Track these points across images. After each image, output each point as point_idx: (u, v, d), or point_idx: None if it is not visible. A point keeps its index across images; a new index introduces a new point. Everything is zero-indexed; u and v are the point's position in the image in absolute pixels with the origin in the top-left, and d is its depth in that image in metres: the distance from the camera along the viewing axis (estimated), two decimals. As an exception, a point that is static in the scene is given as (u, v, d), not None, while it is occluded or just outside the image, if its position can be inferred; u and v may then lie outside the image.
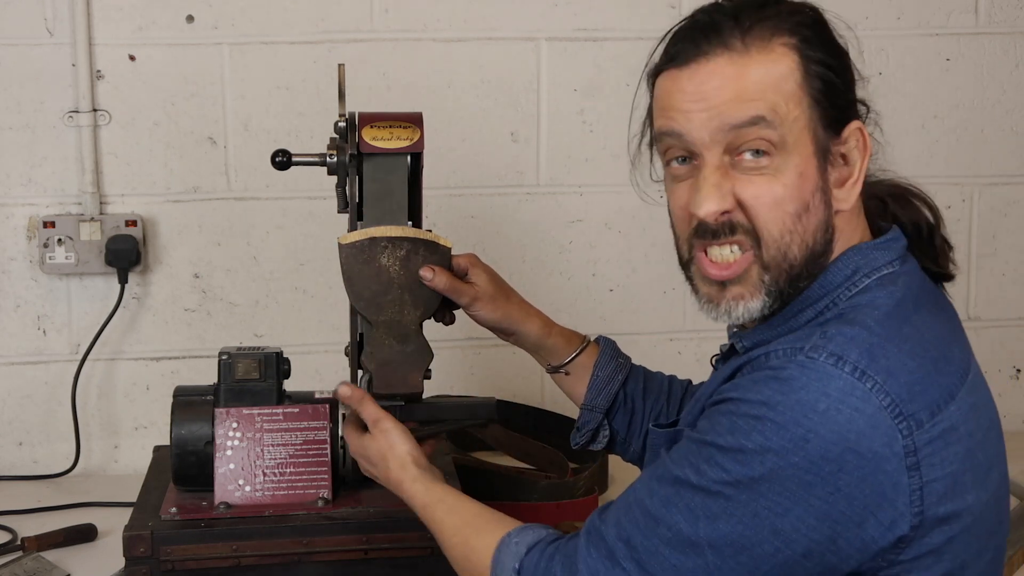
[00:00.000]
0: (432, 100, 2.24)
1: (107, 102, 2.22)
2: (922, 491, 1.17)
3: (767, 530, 1.16)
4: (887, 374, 1.17)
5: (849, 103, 1.28)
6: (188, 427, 1.73)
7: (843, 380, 1.15)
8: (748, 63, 1.23)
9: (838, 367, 1.16)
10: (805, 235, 1.25)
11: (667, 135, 1.28)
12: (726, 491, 1.17)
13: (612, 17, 2.32)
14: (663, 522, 1.21)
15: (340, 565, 1.68)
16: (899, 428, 1.16)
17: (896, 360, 1.18)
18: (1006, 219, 2.47)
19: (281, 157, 1.77)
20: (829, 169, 1.26)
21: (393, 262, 1.63)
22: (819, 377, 1.16)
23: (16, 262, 2.24)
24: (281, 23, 2.25)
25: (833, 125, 1.26)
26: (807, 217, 1.24)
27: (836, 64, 1.27)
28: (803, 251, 1.25)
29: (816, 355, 1.17)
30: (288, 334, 2.28)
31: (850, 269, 1.27)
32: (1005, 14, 2.41)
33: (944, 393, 1.20)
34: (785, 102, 1.23)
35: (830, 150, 1.26)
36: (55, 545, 1.91)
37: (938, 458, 1.18)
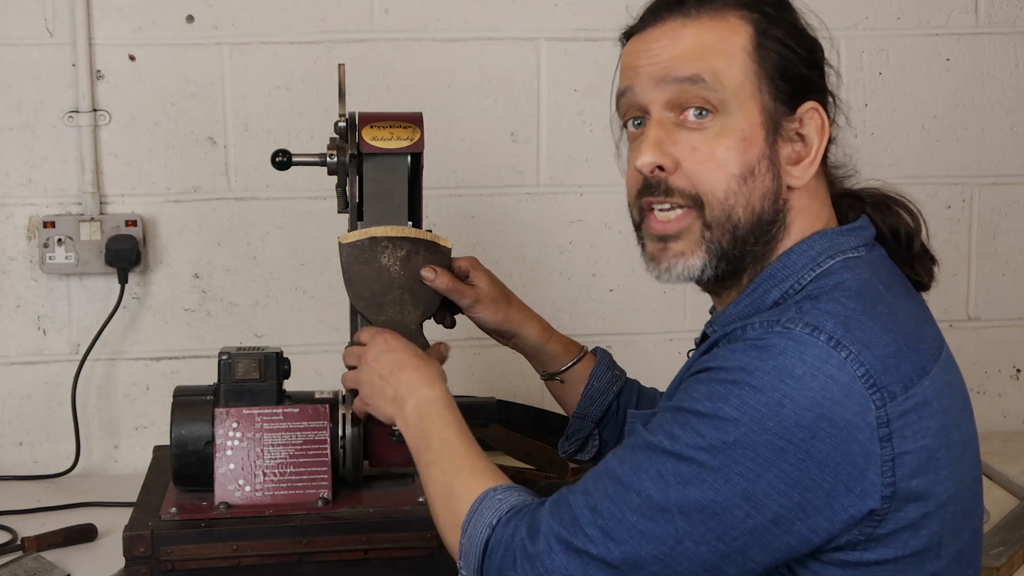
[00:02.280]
0: (432, 100, 2.24)
1: (107, 102, 2.22)
2: (894, 463, 1.17)
3: (738, 495, 1.16)
4: (862, 345, 1.18)
5: (806, 83, 1.29)
6: (188, 427, 1.73)
7: (819, 348, 1.16)
8: (698, 26, 1.28)
9: (814, 336, 1.17)
10: (751, 199, 1.27)
11: (621, 95, 1.36)
12: (699, 456, 1.17)
13: (612, 17, 2.31)
14: (632, 488, 1.20)
15: (340, 565, 1.68)
16: (872, 398, 1.17)
17: (870, 333, 1.19)
18: (1006, 219, 2.47)
19: (281, 157, 1.77)
20: (780, 142, 1.28)
21: (394, 262, 1.63)
22: (796, 344, 1.17)
23: (16, 262, 2.24)
24: (281, 23, 2.25)
25: (786, 101, 1.28)
26: (752, 181, 1.27)
27: (794, 44, 1.29)
28: (748, 214, 1.27)
29: (792, 325, 1.18)
30: (288, 334, 2.28)
31: (815, 250, 1.28)
32: (1005, 14, 2.41)
33: (917, 368, 1.21)
34: (729, 66, 1.26)
35: (782, 124, 1.28)
36: (55, 545, 1.91)
37: (911, 431, 1.18)
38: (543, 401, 2.38)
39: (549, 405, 2.36)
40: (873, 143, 2.38)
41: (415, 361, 1.53)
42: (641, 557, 1.19)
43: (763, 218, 1.28)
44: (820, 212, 1.32)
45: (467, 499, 1.34)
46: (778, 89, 1.27)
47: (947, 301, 2.44)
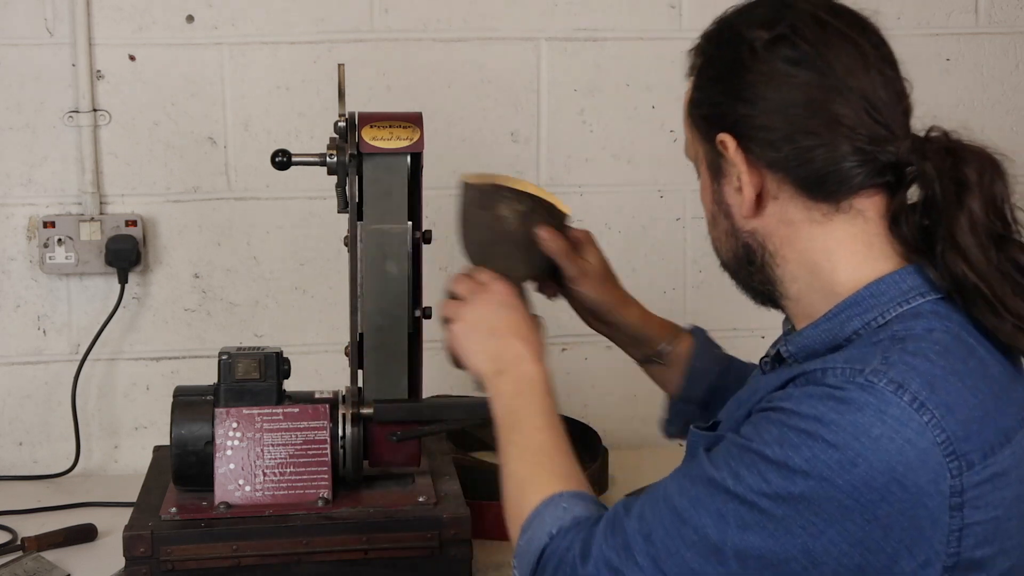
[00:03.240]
0: (432, 100, 2.24)
1: (107, 102, 2.22)
2: (961, 533, 1.13)
3: (798, 549, 1.12)
4: (946, 409, 1.13)
5: (718, 117, 1.26)
6: (188, 427, 1.73)
7: (901, 409, 1.12)
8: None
9: (897, 395, 1.12)
10: (719, 240, 1.32)
11: None
12: (762, 503, 1.13)
13: (612, 17, 2.32)
14: (689, 523, 1.16)
15: (340, 565, 1.68)
16: (949, 467, 1.12)
17: (957, 395, 1.14)
18: (1006, 219, 2.47)
19: (281, 157, 1.77)
20: (724, 182, 1.28)
21: (512, 214, 1.54)
22: (877, 402, 1.12)
23: (16, 262, 2.24)
24: (281, 23, 2.25)
25: (710, 139, 1.27)
26: (715, 226, 1.32)
27: (708, 82, 1.28)
28: (723, 252, 1.32)
29: (876, 379, 1.13)
30: (288, 334, 2.28)
31: (907, 284, 1.22)
32: (1005, 14, 2.41)
33: (1000, 434, 1.16)
34: (686, 127, 1.33)
35: (721, 166, 1.27)
36: (55, 545, 1.91)
37: (984, 501, 1.14)
38: (543, 401, 2.38)
39: (549, 405, 2.36)
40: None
41: (526, 329, 1.46)
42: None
43: (736, 254, 1.30)
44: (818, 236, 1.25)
45: (534, 498, 1.30)
46: (703, 131, 1.29)
47: (947, 301, 2.44)
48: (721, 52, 1.27)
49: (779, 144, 1.22)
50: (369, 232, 1.76)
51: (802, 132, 1.21)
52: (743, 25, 1.25)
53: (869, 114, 1.22)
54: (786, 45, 1.22)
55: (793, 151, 1.22)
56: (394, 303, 1.76)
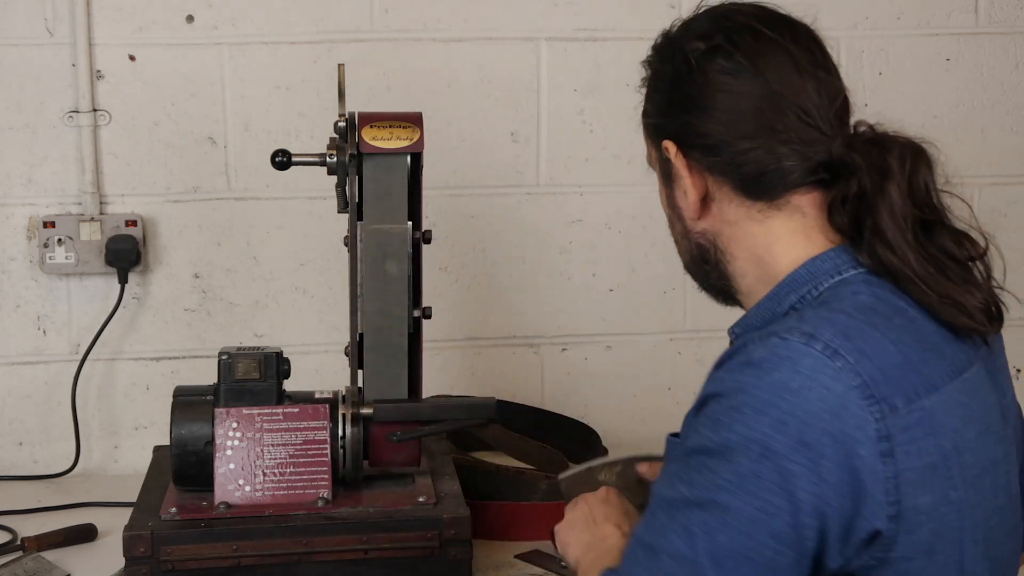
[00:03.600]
0: (432, 100, 2.24)
1: (107, 102, 2.22)
2: (898, 480, 1.15)
3: (765, 534, 1.14)
4: (860, 354, 1.16)
5: (661, 125, 1.34)
6: (188, 427, 1.73)
7: (813, 358, 1.15)
8: None
9: (809, 345, 1.15)
10: (678, 242, 1.39)
11: None
12: (719, 497, 1.15)
13: (612, 17, 2.32)
14: (661, 551, 1.18)
15: (340, 565, 1.68)
16: (871, 410, 1.14)
17: (874, 342, 1.17)
18: (1006, 219, 2.46)
19: (281, 157, 1.77)
20: (673, 185, 1.34)
21: (612, 476, 1.61)
22: (791, 356, 1.15)
23: (16, 262, 2.24)
24: (281, 23, 2.25)
25: (657, 145, 1.34)
26: (672, 229, 1.39)
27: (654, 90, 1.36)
28: (683, 253, 1.39)
29: (788, 336, 1.17)
30: (288, 334, 2.28)
31: (842, 259, 1.26)
32: (1005, 14, 2.41)
33: (926, 381, 1.19)
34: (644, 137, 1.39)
35: (669, 170, 1.34)
36: (55, 545, 1.91)
37: (916, 447, 1.16)
38: (543, 401, 2.38)
39: (549, 405, 2.36)
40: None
41: (623, 520, 1.45)
42: None
43: (692, 254, 1.36)
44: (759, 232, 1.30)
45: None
46: (654, 139, 1.35)
47: (947, 301, 2.44)
48: (663, 64, 1.34)
49: (717, 149, 1.29)
50: (369, 232, 1.76)
51: (738, 137, 1.27)
52: (683, 38, 1.33)
53: (800, 117, 1.27)
54: (721, 56, 1.28)
55: (730, 155, 1.28)
56: (394, 303, 1.76)
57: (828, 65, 1.31)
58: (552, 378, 2.39)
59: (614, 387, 2.40)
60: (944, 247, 1.27)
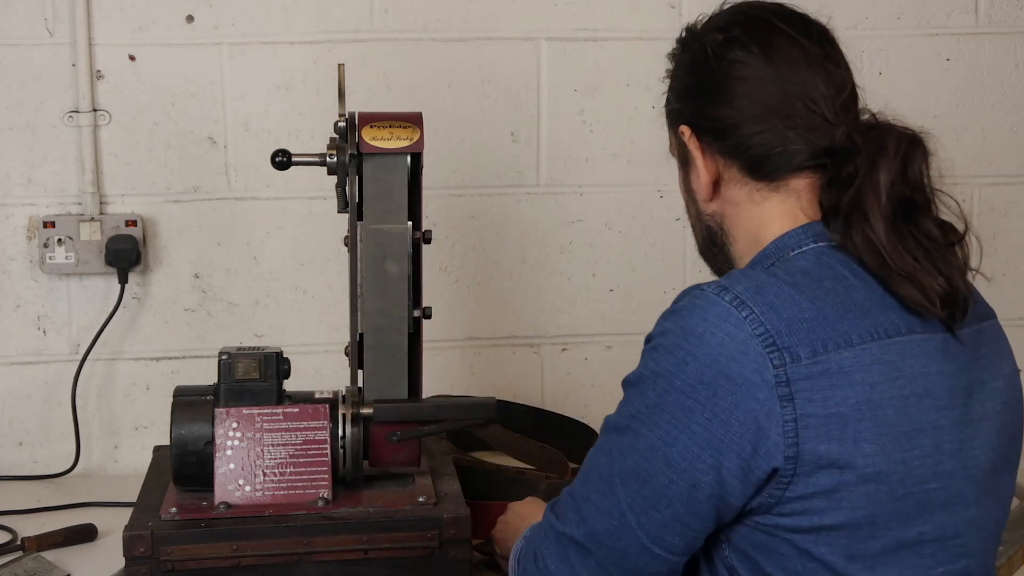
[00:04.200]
0: (432, 100, 2.24)
1: (107, 102, 2.22)
2: (796, 424, 1.22)
3: (660, 461, 1.26)
4: (768, 307, 1.25)
5: (676, 112, 1.44)
6: (188, 427, 1.73)
7: (721, 307, 1.26)
8: None
9: (720, 296, 1.27)
10: (692, 225, 1.47)
11: None
12: (632, 424, 1.29)
13: (612, 17, 2.32)
14: (592, 468, 1.33)
15: (340, 565, 1.68)
16: (770, 357, 1.23)
17: (787, 299, 1.26)
18: (1006, 219, 2.47)
19: (281, 157, 1.77)
20: (690, 168, 1.43)
21: None
22: (702, 305, 1.27)
23: (16, 262, 2.24)
24: (281, 23, 2.25)
25: (676, 130, 1.44)
26: (688, 211, 1.48)
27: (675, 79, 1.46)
28: (697, 235, 1.47)
29: (707, 287, 1.28)
30: (288, 334, 2.28)
31: (806, 234, 1.34)
32: (1005, 14, 2.41)
33: (838, 336, 1.25)
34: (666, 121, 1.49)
35: (686, 154, 1.43)
36: (55, 545, 1.91)
37: (819, 396, 1.23)
38: (543, 401, 2.38)
39: (549, 405, 2.36)
40: (873, 143, 2.38)
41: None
42: (598, 531, 1.31)
43: (703, 236, 1.45)
44: (756, 214, 1.39)
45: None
46: (673, 124, 1.45)
47: (947, 301, 2.44)
48: (684, 54, 1.44)
49: (728, 132, 1.38)
50: (369, 232, 1.76)
51: (748, 121, 1.36)
52: (704, 30, 1.42)
53: (808, 106, 1.35)
54: (737, 46, 1.37)
55: (740, 137, 1.37)
56: (394, 303, 1.76)
57: (838, 59, 1.41)
58: (552, 378, 2.39)
59: (614, 387, 2.38)
60: (926, 231, 1.33)
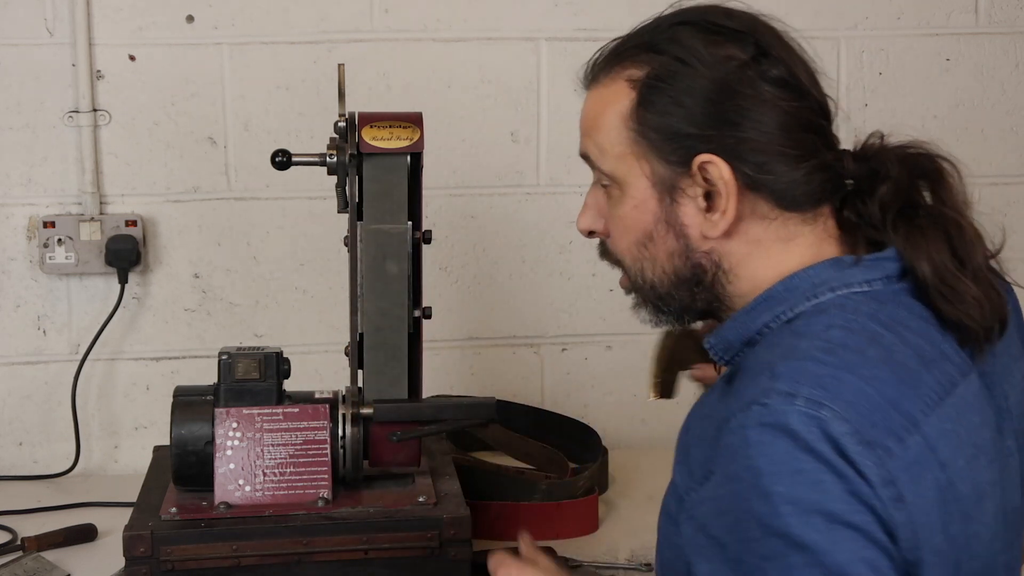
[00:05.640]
0: (432, 100, 2.24)
1: (107, 102, 2.22)
2: (913, 524, 1.11)
3: None
4: (842, 401, 1.10)
5: (694, 138, 1.22)
6: (188, 427, 1.73)
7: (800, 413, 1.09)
8: (595, 94, 1.29)
9: (791, 404, 1.09)
10: (656, 261, 1.27)
11: None
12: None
13: (612, 17, 2.32)
14: None
15: (340, 565, 1.68)
16: (870, 457, 1.09)
17: (850, 387, 1.12)
18: (1006, 219, 2.45)
19: (281, 157, 1.77)
20: (683, 201, 1.24)
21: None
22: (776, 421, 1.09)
23: (16, 262, 2.24)
24: (281, 23, 2.25)
25: (677, 160, 1.23)
26: (652, 245, 1.27)
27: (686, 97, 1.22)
28: (660, 274, 1.27)
29: (768, 400, 1.10)
30: (288, 334, 2.28)
31: (818, 279, 1.22)
32: (1005, 14, 2.41)
33: (905, 420, 1.13)
34: (608, 139, 1.26)
35: (679, 184, 1.23)
36: (55, 545, 1.91)
37: (916, 486, 1.11)
38: (543, 401, 2.38)
39: (549, 405, 2.36)
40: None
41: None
42: None
43: (679, 275, 1.26)
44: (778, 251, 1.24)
45: None
46: (665, 151, 1.23)
47: (947, 301, 2.44)
48: (689, 70, 1.23)
49: (765, 164, 1.22)
50: (369, 232, 1.76)
51: (787, 148, 1.22)
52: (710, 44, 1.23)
53: (828, 122, 1.26)
54: (766, 64, 1.22)
55: (777, 168, 1.22)
56: (394, 303, 1.76)
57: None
58: (552, 378, 2.39)
59: (614, 387, 2.40)
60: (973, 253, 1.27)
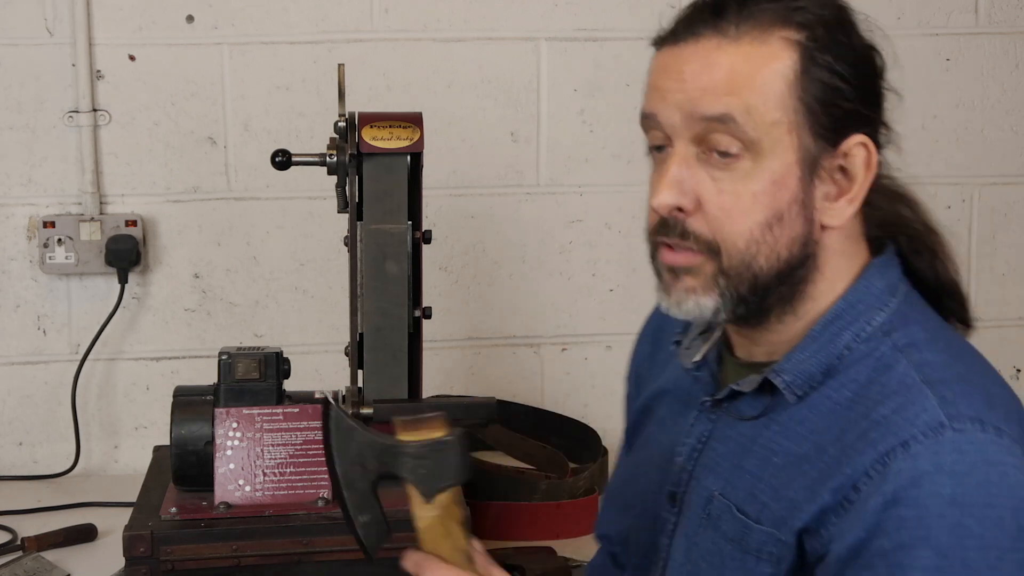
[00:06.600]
0: (432, 100, 2.24)
1: (107, 102, 2.22)
2: None
3: None
4: (1007, 420, 1.09)
5: (854, 115, 1.15)
6: (188, 427, 1.73)
7: (995, 443, 1.06)
8: (736, 51, 1.12)
9: (985, 431, 1.06)
10: (776, 246, 1.13)
11: (645, 117, 1.18)
12: None
13: (612, 17, 2.32)
14: None
15: (340, 565, 1.68)
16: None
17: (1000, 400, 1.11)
18: (1006, 219, 2.47)
19: (281, 157, 1.77)
20: (817, 182, 1.14)
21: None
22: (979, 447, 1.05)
23: (16, 262, 2.24)
24: (281, 23, 2.25)
25: (829, 137, 1.14)
26: (779, 228, 1.13)
27: (848, 70, 1.15)
28: (772, 262, 1.14)
29: (960, 424, 1.06)
30: (288, 334, 2.28)
31: (878, 288, 1.17)
32: (1005, 14, 2.41)
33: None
34: (764, 102, 1.12)
35: (820, 162, 1.14)
36: (55, 545, 1.91)
37: None
38: (543, 401, 2.38)
39: (549, 405, 2.36)
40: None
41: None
42: None
43: (790, 263, 1.14)
44: (857, 248, 1.20)
45: None
46: (821, 125, 1.13)
47: (947, 301, 2.44)
48: (850, 40, 1.17)
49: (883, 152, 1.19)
50: (369, 232, 1.76)
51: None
52: (850, 20, 1.18)
53: None
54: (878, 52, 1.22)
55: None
56: (394, 303, 1.76)
57: None
58: (552, 378, 2.39)
59: (614, 387, 2.39)
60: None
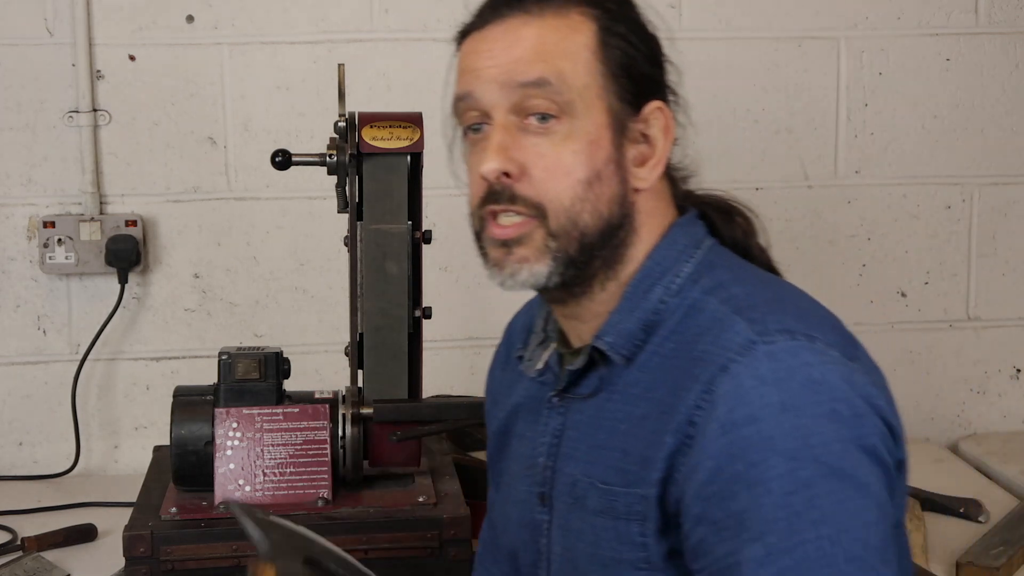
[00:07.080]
0: (432, 100, 2.23)
1: (107, 102, 2.23)
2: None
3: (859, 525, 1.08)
4: (819, 329, 1.16)
5: (650, 81, 1.24)
6: (188, 427, 1.73)
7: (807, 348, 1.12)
8: (541, 24, 1.21)
9: (795, 339, 1.12)
10: (598, 203, 1.20)
11: (461, 99, 1.27)
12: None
13: (612, 17, 2.32)
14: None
15: (340, 565, 1.68)
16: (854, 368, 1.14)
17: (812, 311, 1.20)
18: (1006, 219, 2.47)
19: (281, 157, 1.77)
20: (626, 144, 1.22)
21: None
22: (791, 352, 1.12)
23: (16, 262, 2.24)
24: (281, 23, 2.25)
25: (631, 100, 1.22)
26: (599, 186, 1.20)
27: (638, 41, 1.24)
28: (596, 219, 1.20)
29: (770, 337, 1.12)
30: (288, 334, 2.28)
31: (681, 243, 1.24)
32: (1005, 14, 2.41)
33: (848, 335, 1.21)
34: (574, 67, 1.20)
35: (627, 125, 1.22)
36: (55, 545, 1.91)
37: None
38: (543, 401, 2.38)
39: (549, 405, 2.36)
40: (873, 143, 2.38)
41: None
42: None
43: (611, 222, 1.21)
44: (666, 212, 1.27)
45: None
46: (623, 88, 1.22)
47: (947, 301, 2.44)
48: (636, 12, 1.27)
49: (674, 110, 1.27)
50: (369, 232, 1.76)
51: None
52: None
53: None
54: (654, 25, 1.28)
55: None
56: (394, 303, 1.76)
57: None
58: (552, 378, 2.39)
59: (614, 387, 2.40)
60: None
